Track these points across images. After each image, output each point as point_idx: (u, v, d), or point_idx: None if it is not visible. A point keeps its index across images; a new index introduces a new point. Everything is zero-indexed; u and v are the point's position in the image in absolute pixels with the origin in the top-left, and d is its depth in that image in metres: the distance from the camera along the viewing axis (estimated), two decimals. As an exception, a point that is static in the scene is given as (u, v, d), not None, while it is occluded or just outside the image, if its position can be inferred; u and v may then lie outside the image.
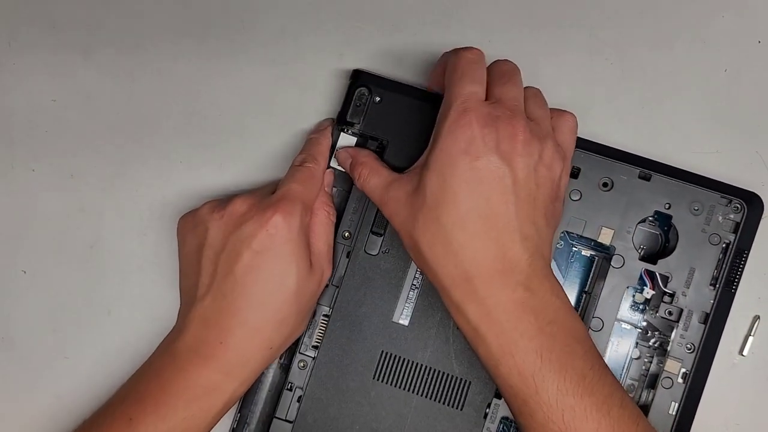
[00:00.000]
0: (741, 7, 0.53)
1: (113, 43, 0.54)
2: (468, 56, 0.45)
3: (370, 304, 0.49)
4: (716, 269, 0.49)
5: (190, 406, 0.44)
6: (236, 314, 0.45)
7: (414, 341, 0.49)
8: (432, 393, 0.49)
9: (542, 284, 0.42)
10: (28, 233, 0.54)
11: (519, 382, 0.41)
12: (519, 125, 0.43)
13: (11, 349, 0.54)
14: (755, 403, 0.52)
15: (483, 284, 0.42)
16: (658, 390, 0.49)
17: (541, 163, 0.43)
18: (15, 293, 0.54)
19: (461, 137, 0.42)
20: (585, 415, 0.41)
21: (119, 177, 0.54)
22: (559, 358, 0.41)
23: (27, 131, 0.54)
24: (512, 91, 0.44)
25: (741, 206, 0.49)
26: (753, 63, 0.53)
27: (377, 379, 0.49)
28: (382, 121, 0.50)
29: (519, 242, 0.42)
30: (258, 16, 0.54)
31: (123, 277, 0.53)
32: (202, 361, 0.45)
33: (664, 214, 0.49)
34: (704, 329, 0.49)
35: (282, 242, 0.45)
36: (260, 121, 0.53)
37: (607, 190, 0.50)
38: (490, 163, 0.42)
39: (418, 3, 0.53)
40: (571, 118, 0.46)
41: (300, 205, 0.46)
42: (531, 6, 0.53)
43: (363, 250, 0.50)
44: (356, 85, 0.50)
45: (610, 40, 0.53)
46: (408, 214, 0.44)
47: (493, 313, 0.42)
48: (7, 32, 0.54)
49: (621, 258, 0.50)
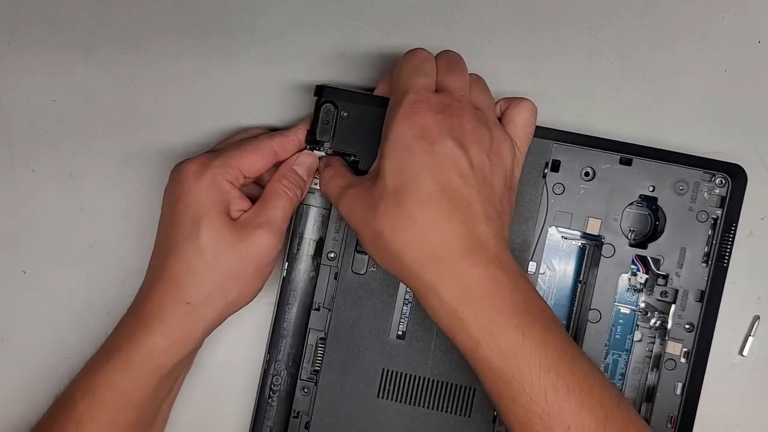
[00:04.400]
0: (741, 7, 0.53)
1: (113, 43, 0.54)
2: (422, 54, 0.46)
3: (365, 324, 0.49)
4: (707, 246, 0.49)
5: (131, 365, 0.45)
6: (153, 267, 0.47)
7: (414, 355, 0.49)
8: (438, 404, 0.49)
9: (510, 264, 0.42)
10: (28, 233, 0.54)
11: (501, 362, 0.41)
12: (467, 114, 0.43)
13: (11, 349, 0.54)
14: (755, 403, 0.52)
15: (454, 263, 0.41)
16: (662, 372, 0.49)
17: (491, 150, 0.44)
18: (15, 293, 0.54)
19: (416, 124, 0.43)
20: (567, 393, 0.40)
21: (119, 177, 0.54)
22: (539, 334, 0.41)
23: (27, 131, 0.54)
24: (459, 80, 0.45)
25: (725, 180, 0.49)
26: (753, 63, 0.53)
27: (381, 397, 0.49)
28: (353, 137, 0.48)
29: (483, 222, 0.42)
30: (258, 16, 0.53)
31: (123, 277, 0.53)
32: (128, 315, 0.47)
33: (650, 197, 0.49)
34: (701, 307, 0.49)
35: (189, 190, 0.46)
36: (260, 121, 0.53)
37: (589, 179, 0.49)
38: (446, 147, 0.42)
39: (418, 3, 0.53)
40: (526, 107, 0.46)
41: (222, 166, 0.46)
42: (531, 6, 0.53)
43: (350, 270, 0.49)
44: (321, 101, 0.48)
45: (610, 40, 0.53)
46: (367, 207, 0.43)
47: (468, 291, 0.41)
48: (6, 32, 0.54)
49: (611, 247, 0.49)
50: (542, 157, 0.49)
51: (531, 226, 0.49)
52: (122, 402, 0.45)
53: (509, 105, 0.46)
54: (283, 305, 0.50)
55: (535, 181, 0.49)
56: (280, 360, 0.50)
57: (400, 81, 0.45)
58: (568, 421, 0.40)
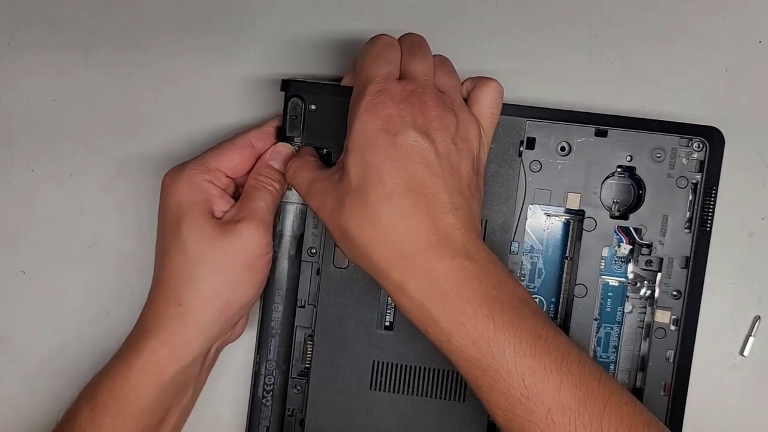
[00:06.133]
0: (741, 7, 0.53)
1: (112, 43, 0.54)
2: (385, 40, 0.45)
3: (352, 317, 0.49)
4: (689, 211, 0.49)
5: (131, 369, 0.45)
6: (154, 273, 0.47)
7: (402, 345, 0.49)
8: (431, 391, 0.49)
9: (479, 252, 0.42)
10: (28, 233, 0.54)
11: (474, 352, 0.40)
12: (430, 100, 0.43)
13: (11, 349, 0.54)
14: (755, 403, 0.52)
15: (420, 258, 0.41)
16: (653, 341, 0.49)
17: (458, 135, 0.43)
18: (14, 293, 0.54)
19: (378, 115, 0.42)
20: (545, 375, 0.40)
21: (119, 177, 0.54)
22: (511, 320, 0.40)
23: (26, 131, 0.54)
24: (422, 65, 0.44)
25: (702, 144, 0.48)
26: (753, 63, 0.53)
27: (374, 389, 0.49)
28: (323, 129, 0.48)
29: (450, 213, 0.42)
30: (257, 16, 0.53)
31: (123, 277, 0.53)
32: (135, 324, 0.47)
33: (627, 167, 0.49)
34: (687, 273, 0.49)
35: (168, 195, 0.46)
36: (259, 121, 0.53)
37: (565, 154, 0.49)
38: (409, 138, 0.42)
39: (418, 3, 0.53)
40: (492, 87, 0.45)
41: (197, 167, 0.47)
42: (531, 6, 0.53)
43: (332, 264, 0.49)
44: (288, 95, 0.48)
45: (610, 40, 0.53)
46: (334, 203, 0.43)
47: (436, 284, 0.41)
48: (6, 32, 0.54)
49: (592, 220, 0.49)
50: (516, 136, 0.48)
51: (510, 207, 0.49)
52: (124, 409, 0.45)
53: (475, 85, 0.46)
54: (269, 305, 0.50)
55: (511, 160, 0.49)
56: (270, 359, 0.50)
57: (362, 71, 0.44)
58: (548, 403, 0.39)
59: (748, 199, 0.52)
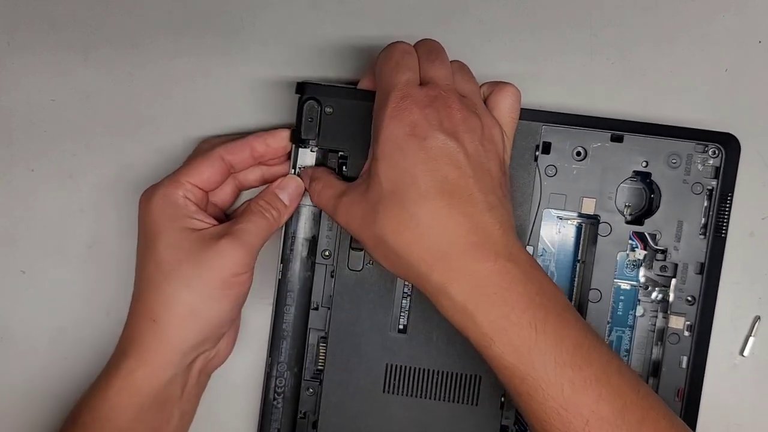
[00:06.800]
0: (741, 7, 0.53)
1: (112, 43, 0.54)
2: (402, 47, 0.45)
3: (365, 320, 0.49)
4: (704, 217, 0.49)
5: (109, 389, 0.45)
6: (133, 291, 0.47)
7: (416, 348, 0.49)
8: (445, 395, 0.49)
9: (520, 255, 0.42)
10: (27, 233, 0.54)
11: (515, 360, 0.40)
12: (454, 104, 0.43)
13: (11, 349, 0.54)
14: (755, 403, 0.52)
15: (461, 259, 0.41)
16: (666, 347, 0.49)
17: (484, 137, 0.43)
18: (14, 293, 0.54)
19: (405, 121, 0.42)
20: (585, 386, 0.39)
21: (119, 177, 0.54)
22: (554, 329, 0.40)
23: (26, 131, 0.54)
24: (442, 70, 0.44)
25: (718, 150, 0.49)
26: (753, 63, 0.53)
27: (387, 392, 0.49)
28: (338, 132, 0.48)
29: (487, 212, 0.41)
30: (257, 16, 0.53)
31: (122, 277, 0.53)
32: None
33: (643, 173, 0.49)
34: (702, 279, 0.49)
35: (145, 213, 0.47)
36: (259, 121, 0.53)
37: (581, 159, 0.49)
38: (438, 141, 0.42)
39: (418, 3, 0.53)
40: (510, 92, 0.46)
41: (170, 183, 0.47)
42: (531, 6, 0.53)
43: (347, 267, 0.49)
44: (303, 99, 0.48)
45: (610, 40, 0.53)
46: (365, 212, 0.43)
47: (479, 287, 0.40)
48: (6, 32, 0.54)
49: (608, 225, 0.49)
50: (532, 140, 0.48)
51: (526, 211, 0.49)
52: (103, 428, 0.45)
53: (492, 90, 0.46)
54: (281, 307, 0.50)
55: (526, 164, 0.49)
56: (282, 361, 0.50)
57: (383, 79, 0.44)
58: (587, 415, 0.39)
59: (749, 199, 0.52)
